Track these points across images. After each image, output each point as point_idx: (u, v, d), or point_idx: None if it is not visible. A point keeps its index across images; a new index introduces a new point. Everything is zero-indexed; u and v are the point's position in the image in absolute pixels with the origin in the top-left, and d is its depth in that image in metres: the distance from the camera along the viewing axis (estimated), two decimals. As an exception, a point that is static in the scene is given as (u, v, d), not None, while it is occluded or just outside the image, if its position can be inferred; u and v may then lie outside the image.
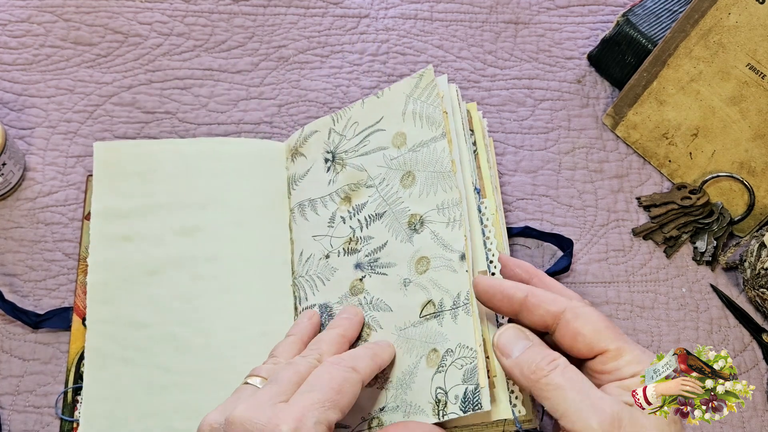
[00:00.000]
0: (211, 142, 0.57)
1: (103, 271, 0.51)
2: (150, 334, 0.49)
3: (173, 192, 0.54)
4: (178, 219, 0.53)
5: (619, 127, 0.63)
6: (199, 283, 0.51)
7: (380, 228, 0.48)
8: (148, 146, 0.55)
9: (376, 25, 0.66)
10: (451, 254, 0.43)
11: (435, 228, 0.45)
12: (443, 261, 0.44)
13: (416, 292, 0.44)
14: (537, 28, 0.68)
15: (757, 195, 0.59)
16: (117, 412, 0.47)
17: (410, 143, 0.48)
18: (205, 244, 0.52)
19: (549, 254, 0.57)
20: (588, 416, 0.34)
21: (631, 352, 0.36)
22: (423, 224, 0.46)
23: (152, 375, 0.48)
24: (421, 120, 0.48)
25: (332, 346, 0.43)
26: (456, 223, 0.44)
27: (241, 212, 0.54)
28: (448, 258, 0.43)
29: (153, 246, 0.52)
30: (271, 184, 0.55)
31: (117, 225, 0.52)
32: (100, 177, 0.53)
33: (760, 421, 0.53)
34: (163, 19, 0.64)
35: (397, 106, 0.50)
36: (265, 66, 0.63)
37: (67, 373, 0.49)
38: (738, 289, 0.58)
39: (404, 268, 0.46)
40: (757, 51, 0.54)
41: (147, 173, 0.54)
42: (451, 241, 0.44)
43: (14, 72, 0.60)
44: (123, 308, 0.50)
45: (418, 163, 0.47)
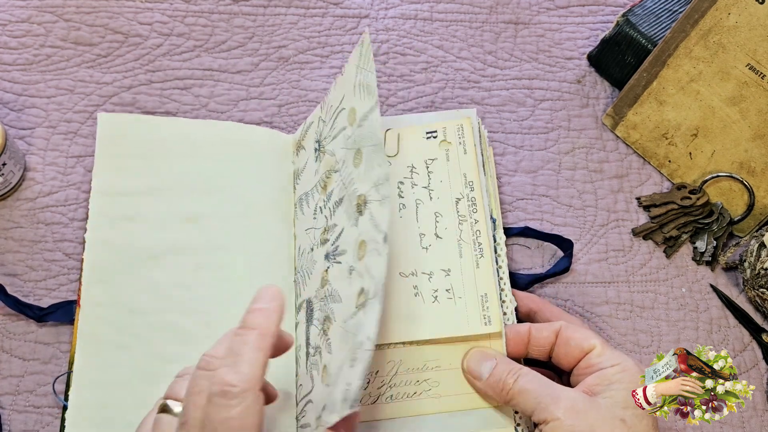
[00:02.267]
0: (220, 126, 0.55)
1: (102, 251, 0.49)
2: (148, 321, 0.48)
3: (179, 175, 0.53)
4: (183, 204, 0.52)
5: (619, 127, 0.63)
6: (201, 272, 0.50)
7: (341, 214, 0.46)
8: (156, 124, 0.54)
9: (376, 25, 0.66)
10: (379, 235, 0.40)
11: (372, 208, 0.42)
12: (374, 244, 0.40)
13: (356, 280, 0.41)
14: (537, 28, 0.68)
15: (756, 195, 0.59)
16: (109, 400, 0.46)
17: (358, 118, 0.46)
18: (209, 232, 0.51)
19: (549, 254, 0.57)
20: (553, 407, 0.40)
21: (614, 351, 0.43)
22: (366, 205, 0.43)
23: (149, 363, 0.47)
24: (363, 90, 0.46)
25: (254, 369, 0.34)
26: (386, 200, 0.40)
27: (247, 203, 0.53)
28: (376, 240, 0.40)
29: (155, 230, 0.50)
30: (278, 177, 0.54)
31: (119, 204, 0.51)
32: (103, 152, 0.51)
33: (760, 421, 0.53)
34: (163, 20, 0.64)
35: (350, 81, 0.48)
36: (265, 66, 0.63)
37: (69, 368, 0.49)
38: (738, 289, 0.58)
39: (351, 255, 0.43)
40: (756, 51, 0.54)
41: (153, 153, 0.52)
42: (381, 220, 0.40)
43: (14, 72, 0.60)
44: (121, 292, 0.48)
45: (363, 138, 0.45)
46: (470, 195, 0.50)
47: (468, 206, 0.50)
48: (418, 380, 0.45)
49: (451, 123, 0.53)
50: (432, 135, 0.53)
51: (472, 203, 0.50)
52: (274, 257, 0.52)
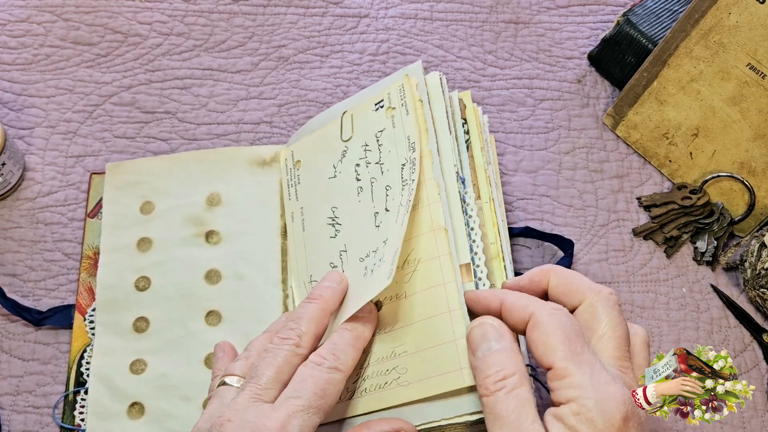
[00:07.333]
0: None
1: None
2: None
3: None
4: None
5: (620, 127, 0.63)
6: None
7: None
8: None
9: (376, 24, 0.66)
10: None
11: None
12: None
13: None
14: (537, 27, 0.68)
15: (757, 195, 0.59)
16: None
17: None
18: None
19: (549, 254, 0.57)
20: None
21: (575, 375, 0.33)
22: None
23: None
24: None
25: (311, 326, 0.40)
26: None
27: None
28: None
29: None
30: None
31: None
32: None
33: (761, 421, 0.53)
34: (162, 19, 0.64)
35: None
36: (265, 66, 0.63)
37: (69, 371, 0.49)
38: (738, 289, 0.58)
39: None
40: (757, 51, 0.54)
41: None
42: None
43: (14, 72, 0.60)
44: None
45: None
46: (412, 157, 0.45)
47: (409, 169, 0.45)
48: (387, 369, 0.42)
49: (394, 86, 0.48)
50: (380, 105, 0.49)
51: (413, 165, 0.45)
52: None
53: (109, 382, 0.48)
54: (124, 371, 0.49)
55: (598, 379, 0.33)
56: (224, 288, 0.52)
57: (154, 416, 0.48)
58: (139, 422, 0.47)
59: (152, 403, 0.48)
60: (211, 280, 0.52)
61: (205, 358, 0.49)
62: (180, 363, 0.49)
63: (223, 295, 0.51)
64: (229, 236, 0.53)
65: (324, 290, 0.43)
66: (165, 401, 0.48)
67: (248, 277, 0.52)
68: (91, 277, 0.52)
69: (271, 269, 0.52)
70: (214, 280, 0.52)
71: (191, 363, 0.49)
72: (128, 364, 0.49)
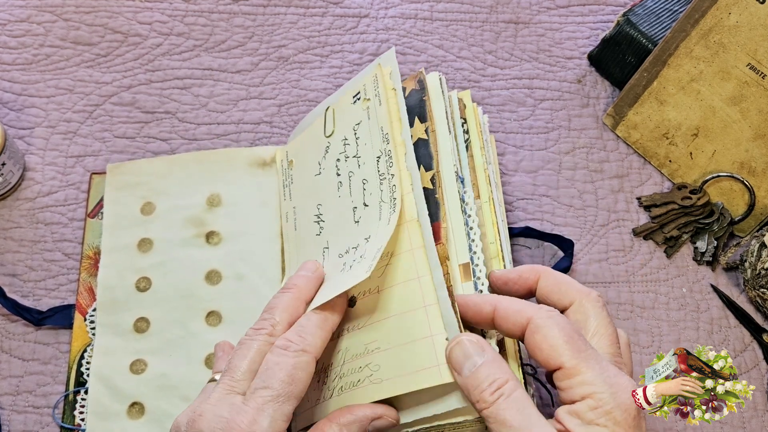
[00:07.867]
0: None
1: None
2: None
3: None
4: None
5: (620, 127, 0.63)
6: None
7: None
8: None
9: (376, 24, 0.66)
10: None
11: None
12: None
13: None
14: (537, 27, 0.68)
15: (757, 195, 0.59)
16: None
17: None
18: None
19: (549, 254, 0.57)
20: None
21: (586, 372, 0.34)
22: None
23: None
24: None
25: (285, 314, 0.40)
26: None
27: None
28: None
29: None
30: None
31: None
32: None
33: (761, 421, 0.53)
34: (162, 19, 0.64)
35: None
36: (265, 66, 0.63)
37: (69, 371, 0.49)
38: (738, 289, 0.58)
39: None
40: (757, 51, 0.54)
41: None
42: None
43: (14, 72, 0.60)
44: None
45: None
46: (386, 149, 0.44)
47: (386, 162, 0.44)
48: (360, 366, 0.41)
49: (369, 77, 0.47)
50: (357, 98, 0.48)
51: (389, 157, 0.44)
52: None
53: (109, 382, 0.48)
54: (124, 371, 0.49)
55: (607, 374, 0.34)
56: (224, 288, 0.52)
57: (154, 416, 0.48)
58: (139, 422, 0.47)
59: (152, 403, 0.48)
60: (212, 281, 0.52)
61: (205, 358, 0.49)
62: (180, 363, 0.49)
63: (224, 295, 0.51)
64: (229, 237, 0.53)
65: (299, 279, 0.43)
66: (165, 401, 0.48)
67: (248, 278, 0.52)
68: (92, 277, 0.52)
69: (271, 269, 0.52)
70: (215, 280, 0.52)
71: (191, 363, 0.49)
72: (128, 364, 0.49)
